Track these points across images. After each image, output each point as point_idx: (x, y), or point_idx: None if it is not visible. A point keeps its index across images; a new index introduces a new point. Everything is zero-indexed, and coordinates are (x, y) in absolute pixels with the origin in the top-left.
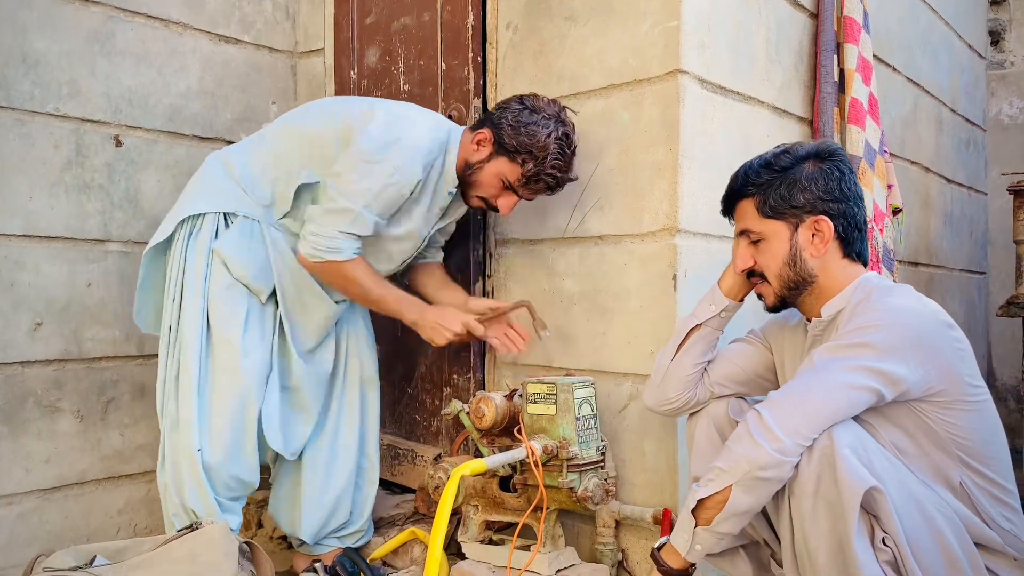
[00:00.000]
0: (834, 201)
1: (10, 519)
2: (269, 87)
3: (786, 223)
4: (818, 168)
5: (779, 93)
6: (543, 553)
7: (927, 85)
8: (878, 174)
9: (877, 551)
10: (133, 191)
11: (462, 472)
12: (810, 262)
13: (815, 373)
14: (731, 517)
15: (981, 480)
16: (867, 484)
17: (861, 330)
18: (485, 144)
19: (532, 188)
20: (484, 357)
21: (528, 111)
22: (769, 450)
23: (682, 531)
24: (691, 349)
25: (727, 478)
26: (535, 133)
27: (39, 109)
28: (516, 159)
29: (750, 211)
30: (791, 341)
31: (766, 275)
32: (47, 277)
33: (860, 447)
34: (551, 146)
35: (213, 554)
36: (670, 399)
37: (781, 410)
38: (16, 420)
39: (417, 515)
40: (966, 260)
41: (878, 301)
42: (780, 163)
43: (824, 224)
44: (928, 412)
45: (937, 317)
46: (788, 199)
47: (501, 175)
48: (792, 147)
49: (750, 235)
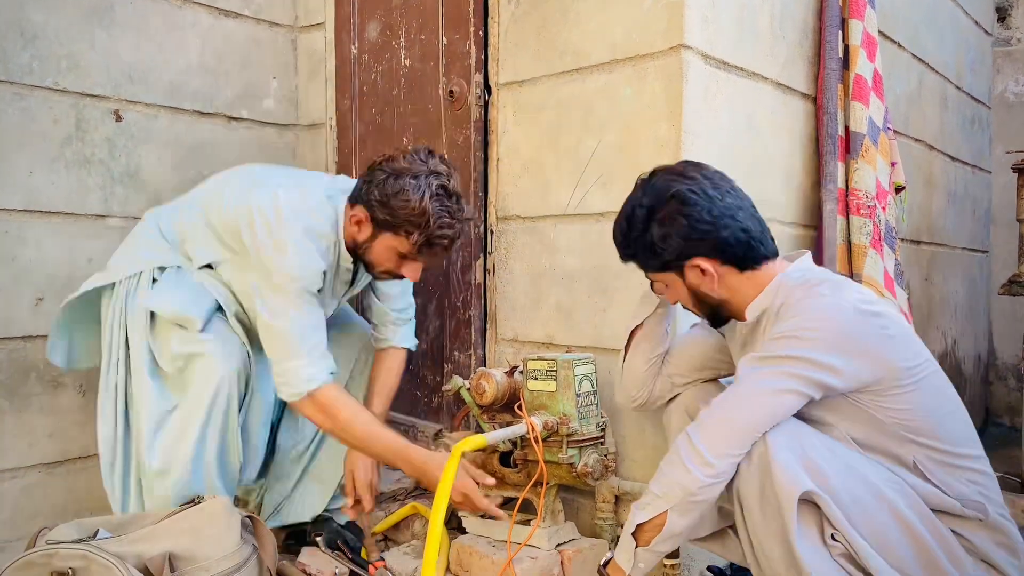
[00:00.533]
0: (698, 242)
1: (14, 492)
2: (269, 62)
3: (671, 273)
4: (663, 224)
5: (783, 69)
6: (543, 528)
7: (932, 62)
8: (881, 151)
9: (829, 547)
10: (134, 166)
11: (463, 448)
12: (712, 294)
13: (739, 387)
14: (669, 539)
15: (933, 453)
16: (800, 488)
17: (783, 338)
18: (364, 223)
19: (430, 254)
20: (485, 334)
21: (393, 178)
22: (700, 476)
23: (624, 551)
24: (638, 348)
25: (662, 504)
26: (408, 201)
27: (38, 83)
28: (400, 232)
29: (639, 268)
30: (737, 331)
31: (685, 306)
32: (48, 252)
33: (796, 445)
34: (430, 208)
35: (215, 528)
36: (633, 396)
37: (709, 432)
38: (19, 395)
39: (418, 490)
40: (968, 238)
41: (798, 304)
42: (632, 234)
43: (701, 264)
44: (866, 402)
45: (857, 308)
46: (658, 261)
47: (392, 249)
48: (633, 208)
49: (653, 282)
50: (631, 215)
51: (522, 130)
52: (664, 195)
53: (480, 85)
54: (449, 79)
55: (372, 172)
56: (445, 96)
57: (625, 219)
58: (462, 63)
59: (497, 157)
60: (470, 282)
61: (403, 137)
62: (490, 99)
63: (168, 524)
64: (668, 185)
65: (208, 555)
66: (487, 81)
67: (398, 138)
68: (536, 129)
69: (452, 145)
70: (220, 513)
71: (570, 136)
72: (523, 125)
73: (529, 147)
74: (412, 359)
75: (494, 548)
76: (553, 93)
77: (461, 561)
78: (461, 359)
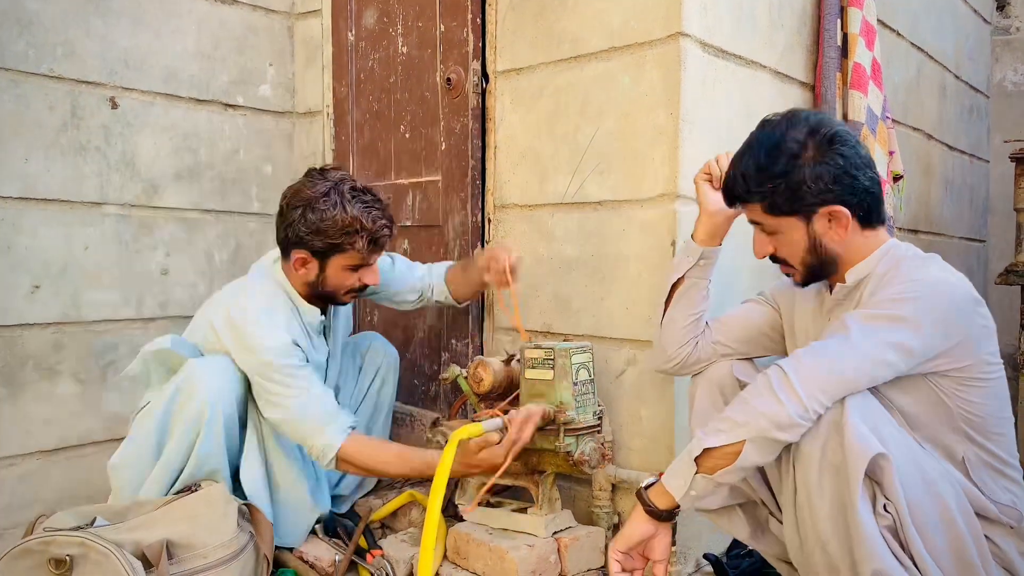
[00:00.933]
0: (845, 187)
1: (11, 480)
2: (266, 49)
3: (799, 218)
4: (819, 162)
5: (781, 58)
6: (540, 515)
7: (931, 50)
8: (880, 140)
9: (878, 516)
10: (130, 153)
11: (460, 436)
12: (831, 246)
13: (846, 340)
14: (737, 471)
15: (984, 454)
16: (874, 450)
17: (896, 302)
18: (308, 261)
19: (377, 250)
20: (483, 323)
21: (307, 208)
22: (791, 411)
23: (678, 475)
24: (679, 303)
25: (742, 432)
26: (334, 219)
27: (33, 70)
28: (345, 248)
29: (757, 210)
30: (802, 305)
31: (789, 261)
32: (44, 240)
33: (869, 413)
34: (354, 212)
35: (213, 515)
36: (670, 356)
37: (807, 372)
38: (16, 382)
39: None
40: (966, 228)
41: (911, 272)
42: (776, 167)
43: (839, 212)
44: (944, 386)
45: (969, 293)
46: (795, 200)
47: (344, 267)
48: (782, 140)
49: (763, 228)
50: (778, 146)
51: (519, 118)
52: (823, 131)
53: (478, 73)
54: (446, 66)
55: (286, 216)
56: (442, 84)
57: (766, 152)
58: (459, 50)
59: (495, 145)
60: None
61: (400, 125)
62: (488, 87)
63: (165, 511)
64: (826, 120)
65: (205, 542)
66: (484, 69)
67: (395, 126)
68: (534, 117)
69: (449, 133)
70: (217, 500)
71: (568, 124)
72: (520, 113)
73: (527, 135)
74: (410, 347)
75: (490, 535)
76: (551, 81)
77: (458, 549)
78: (459, 348)
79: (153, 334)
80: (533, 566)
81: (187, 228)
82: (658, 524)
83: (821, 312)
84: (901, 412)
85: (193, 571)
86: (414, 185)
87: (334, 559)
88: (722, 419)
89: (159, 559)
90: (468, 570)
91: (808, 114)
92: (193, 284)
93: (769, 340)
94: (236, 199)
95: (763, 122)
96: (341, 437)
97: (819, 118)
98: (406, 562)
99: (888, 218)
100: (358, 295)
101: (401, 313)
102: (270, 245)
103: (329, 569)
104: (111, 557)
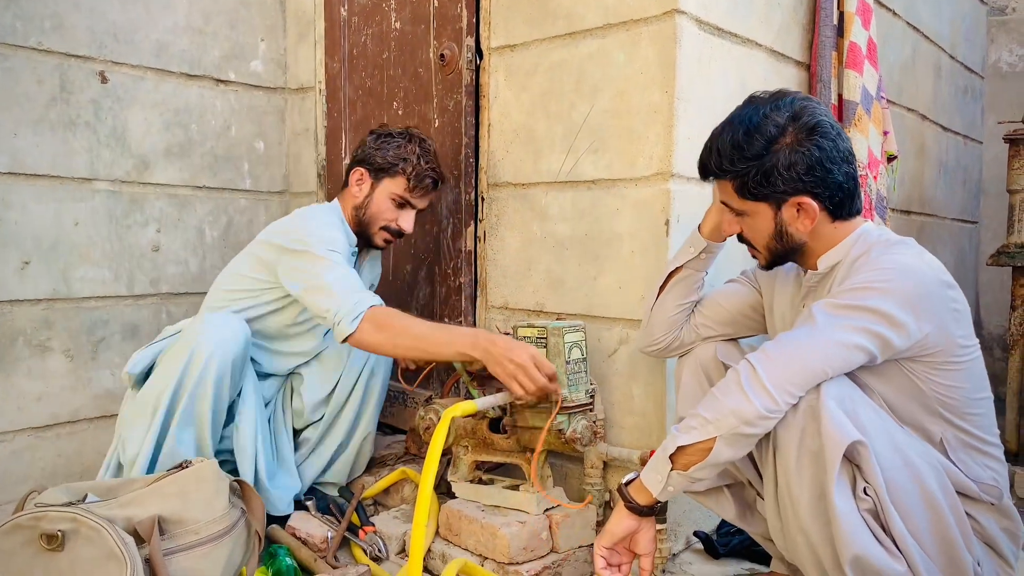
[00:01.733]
0: (817, 178)
1: (3, 456)
2: (258, 23)
3: (768, 204)
4: (795, 150)
5: (777, 36)
6: (531, 493)
7: (927, 30)
8: (874, 120)
9: (859, 500)
10: (120, 129)
11: (453, 413)
12: (796, 235)
13: (813, 329)
14: (709, 467)
15: (961, 434)
16: (850, 438)
17: (862, 289)
18: (363, 179)
19: (422, 190)
20: (475, 301)
21: (381, 137)
22: (759, 406)
23: (655, 471)
24: (672, 291)
25: (712, 429)
26: (399, 146)
27: (21, 43)
28: (396, 171)
29: (728, 189)
30: (782, 287)
31: (753, 244)
32: (33, 215)
33: (847, 399)
34: (416, 149)
35: (204, 491)
36: (655, 340)
37: (774, 365)
38: (6, 359)
39: (408, 455)
40: (959, 209)
41: (879, 258)
42: (751, 148)
43: (807, 204)
44: (917, 371)
45: (939, 277)
46: (766, 185)
47: (390, 194)
48: (762, 122)
49: (732, 209)
50: (757, 127)
51: (514, 95)
52: (804, 118)
53: (471, 49)
54: (440, 43)
55: (363, 141)
56: (436, 60)
57: (745, 131)
58: (453, 26)
59: (488, 123)
60: (460, 249)
61: (393, 102)
62: (481, 63)
63: (156, 487)
64: (809, 108)
65: (197, 518)
66: (479, 45)
67: (388, 103)
68: (528, 95)
69: (443, 110)
70: (208, 477)
71: (562, 102)
72: (515, 90)
73: (521, 113)
74: None
75: (482, 512)
76: (545, 58)
77: (450, 525)
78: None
79: (144, 311)
80: (525, 542)
81: (178, 204)
82: (640, 519)
83: (798, 296)
84: (882, 399)
85: (186, 546)
86: None
87: (326, 536)
88: (693, 415)
89: (151, 534)
90: (460, 546)
91: (795, 99)
92: (184, 261)
93: (752, 321)
94: (227, 175)
95: (749, 98)
96: (371, 300)
97: (804, 105)
98: (398, 538)
99: (882, 198)
100: (390, 239)
101: (394, 290)
102: (262, 222)
103: (322, 545)
104: (102, 532)
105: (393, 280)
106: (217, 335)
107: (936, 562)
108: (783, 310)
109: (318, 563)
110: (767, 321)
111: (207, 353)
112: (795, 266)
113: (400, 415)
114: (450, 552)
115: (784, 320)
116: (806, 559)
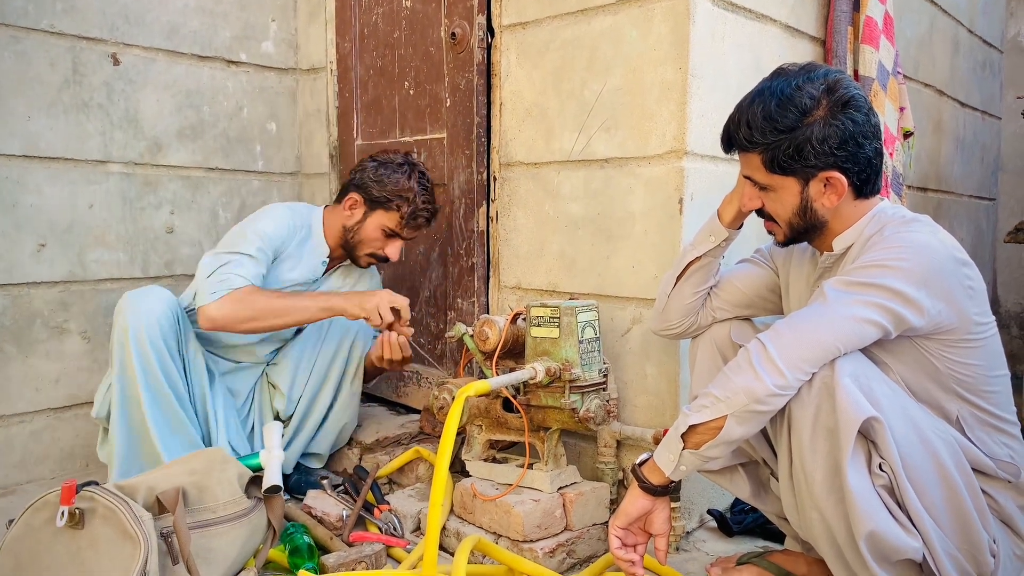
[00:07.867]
0: (849, 153)
1: (23, 437)
2: (268, 4)
3: (796, 178)
4: (829, 124)
5: (792, 11)
6: (545, 471)
7: (944, 4)
8: (890, 96)
9: (874, 476)
10: (133, 111)
11: (467, 393)
12: (821, 212)
13: (823, 306)
14: (722, 445)
15: (978, 412)
16: (865, 414)
17: (874, 267)
18: (357, 206)
19: (412, 227)
20: (488, 281)
21: (382, 166)
22: (770, 384)
23: (667, 451)
24: (690, 279)
25: (723, 407)
26: (398, 180)
27: (33, 26)
28: (390, 207)
29: (755, 162)
30: (798, 267)
31: (775, 219)
32: (49, 198)
33: (862, 375)
34: (415, 187)
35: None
36: (672, 325)
37: (785, 342)
38: (25, 341)
39: (421, 435)
40: (976, 186)
41: (892, 236)
42: (785, 120)
43: (836, 179)
44: (931, 349)
45: (952, 255)
46: (797, 159)
47: (382, 226)
48: (796, 93)
49: (756, 183)
50: (790, 99)
51: (525, 73)
52: (839, 92)
53: (483, 27)
54: (451, 21)
55: (362, 163)
56: (447, 38)
57: (778, 102)
58: (464, 4)
59: (500, 101)
60: (473, 229)
61: (404, 81)
62: (493, 41)
63: (178, 464)
64: (844, 81)
65: (216, 496)
66: (490, 23)
67: (399, 82)
68: (539, 73)
69: (454, 89)
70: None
71: (574, 80)
72: (526, 68)
73: (532, 91)
74: (416, 306)
75: (496, 490)
76: (557, 35)
77: (464, 504)
78: (464, 306)
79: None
80: (538, 520)
81: (191, 186)
82: (655, 499)
83: (813, 276)
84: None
85: (204, 523)
86: (419, 143)
87: (342, 514)
88: (705, 394)
89: (175, 505)
90: (474, 524)
91: (828, 71)
92: (198, 242)
93: (769, 303)
94: (240, 157)
95: (778, 70)
96: (241, 284)
97: (837, 78)
98: (413, 517)
99: (898, 175)
100: (374, 263)
101: (407, 272)
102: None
103: (337, 524)
104: (117, 512)
105: (406, 261)
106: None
107: (952, 539)
108: (799, 290)
109: (334, 541)
110: (783, 301)
111: (132, 327)
112: (810, 247)
113: (414, 395)
114: (464, 530)
115: (800, 300)
116: (820, 536)
